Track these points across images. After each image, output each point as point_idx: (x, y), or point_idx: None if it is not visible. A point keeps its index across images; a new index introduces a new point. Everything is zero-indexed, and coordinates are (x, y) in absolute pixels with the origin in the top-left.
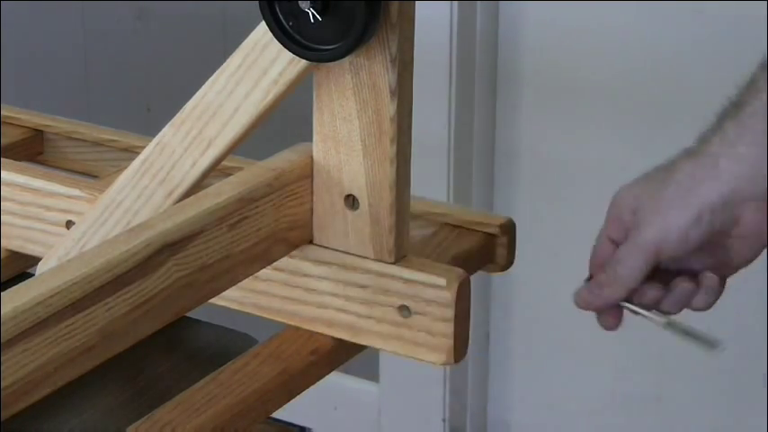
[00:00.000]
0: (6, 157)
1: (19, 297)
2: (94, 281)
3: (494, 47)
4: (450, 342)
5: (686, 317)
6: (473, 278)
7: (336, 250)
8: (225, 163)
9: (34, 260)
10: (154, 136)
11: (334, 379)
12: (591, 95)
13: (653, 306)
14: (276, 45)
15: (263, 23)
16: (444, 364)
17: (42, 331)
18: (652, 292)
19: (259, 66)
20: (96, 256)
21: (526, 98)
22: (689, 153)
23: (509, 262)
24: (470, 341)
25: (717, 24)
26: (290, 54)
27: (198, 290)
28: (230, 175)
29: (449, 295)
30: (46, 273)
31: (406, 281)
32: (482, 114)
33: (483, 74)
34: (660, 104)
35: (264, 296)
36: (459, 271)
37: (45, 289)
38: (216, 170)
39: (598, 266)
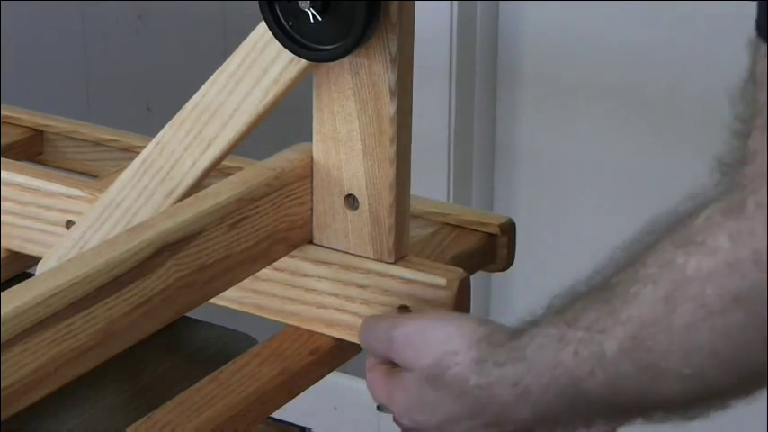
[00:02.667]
0: (6, 157)
1: (19, 297)
2: (94, 281)
3: (494, 47)
4: None
5: None
6: (473, 278)
7: (336, 250)
8: (225, 163)
9: (34, 260)
10: (154, 136)
11: (334, 379)
12: (591, 95)
13: None
14: (276, 45)
15: (263, 23)
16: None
17: (42, 331)
18: None
19: (259, 65)
20: (96, 256)
21: (526, 98)
22: None
23: (509, 262)
24: None
25: (717, 24)
26: (290, 54)
27: (198, 290)
28: (230, 174)
29: (449, 295)
30: (46, 273)
31: (406, 281)
32: (482, 114)
33: (483, 74)
34: (660, 104)
35: (264, 296)
36: (459, 271)
37: (45, 289)
38: (216, 170)
39: None
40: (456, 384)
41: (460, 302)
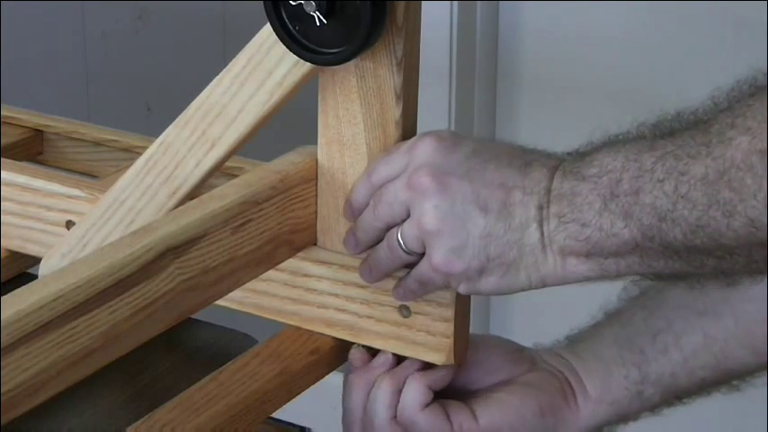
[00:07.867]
0: (6, 157)
1: (22, 300)
2: (98, 284)
3: (494, 47)
4: (450, 342)
5: None
6: None
7: (337, 252)
8: (228, 163)
9: (34, 260)
10: (154, 136)
11: (334, 379)
12: (590, 96)
13: None
14: (281, 47)
15: (269, 25)
16: (444, 364)
17: (45, 334)
18: None
19: (264, 67)
20: (99, 259)
21: (526, 98)
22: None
23: None
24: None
25: (716, 25)
26: (295, 56)
27: (201, 293)
28: (234, 175)
29: (449, 295)
30: (49, 276)
31: None
32: (482, 114)
33: (483, 74)
34: (659, 105)
35: (265, 296)
36: None
37: (47, 292)
38: (219, 170)
39: None
40: None
41: (461, 300)
